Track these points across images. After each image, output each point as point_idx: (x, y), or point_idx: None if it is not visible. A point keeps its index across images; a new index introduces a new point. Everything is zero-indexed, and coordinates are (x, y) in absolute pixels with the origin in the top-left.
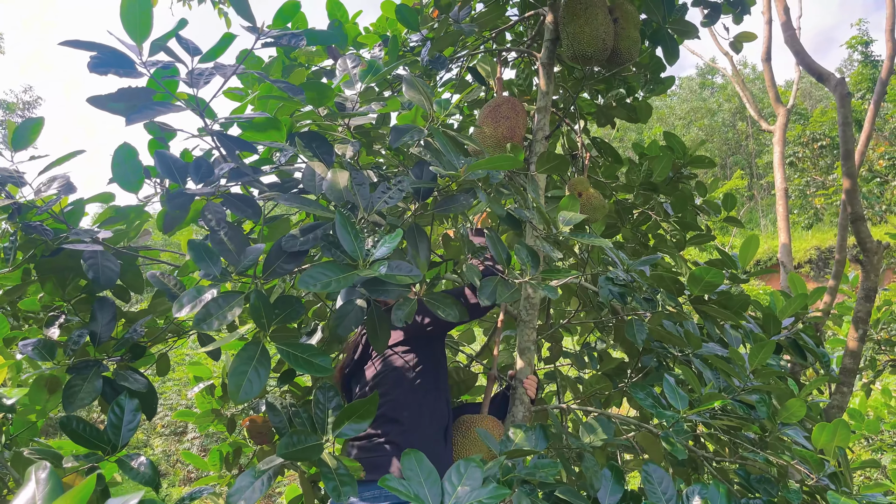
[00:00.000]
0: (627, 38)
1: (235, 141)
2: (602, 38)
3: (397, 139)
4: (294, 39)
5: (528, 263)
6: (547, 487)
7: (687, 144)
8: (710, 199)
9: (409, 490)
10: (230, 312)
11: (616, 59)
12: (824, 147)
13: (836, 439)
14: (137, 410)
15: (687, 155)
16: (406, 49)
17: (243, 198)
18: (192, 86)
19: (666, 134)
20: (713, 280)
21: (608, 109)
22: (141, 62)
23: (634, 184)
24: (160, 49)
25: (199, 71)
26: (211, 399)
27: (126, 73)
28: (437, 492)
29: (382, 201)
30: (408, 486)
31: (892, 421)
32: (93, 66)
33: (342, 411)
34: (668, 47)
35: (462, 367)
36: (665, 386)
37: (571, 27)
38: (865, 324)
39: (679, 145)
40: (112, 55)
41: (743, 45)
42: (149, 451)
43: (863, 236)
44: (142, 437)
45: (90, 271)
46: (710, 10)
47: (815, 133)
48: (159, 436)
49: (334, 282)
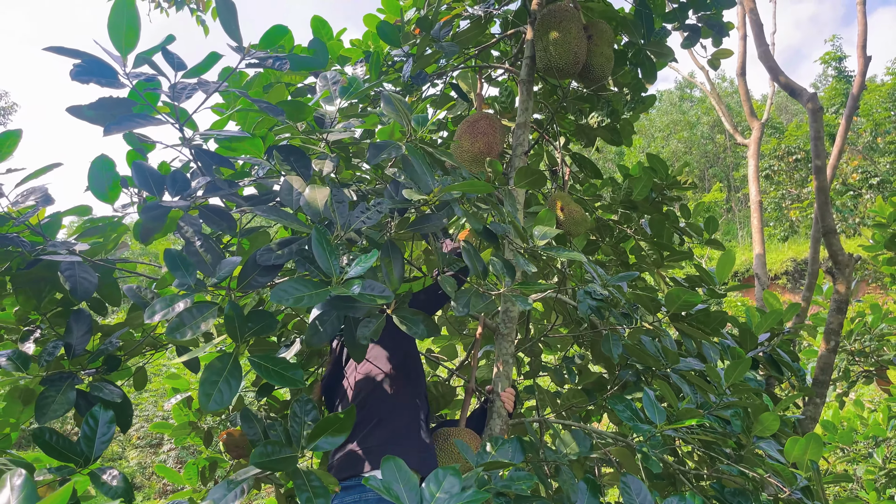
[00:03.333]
0: (601, 55)
1: (212, 156)
2: (574, 51)
3: (375, 156)
4: (279, 63)
5: (503, 275)
6: (523, 501)
7: (668, 160)
8: (693, 223)
9: (390, 490)
10: (203, 322)
11: (589, 74)
12: (799, 160)
13: (808, 453)
14: (112, 422)
15: (669, 177)
16: (388, 65)
17: (219, 211)
18: (173, 100)
19: (649, 156)
20: (689, 300)
21: (590, 130)
22: (124, 73)
23: (615, 202)
24: (145, 62)
25: (182, 86)
26: (188, 411)
27: (108, 82)
28: (416, 495)
29: (360, 221)
30: (389, 485)
31: (865, 432)
32: (75, 75)
33: (318, 424)
34: (646, 69)
35: (441, 382)
36: (644, 400)
37: (545, 40)
38: (837, 335)
39: (661, 166)
40: (96, 64)
41: (720, 61)
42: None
43: (834, 249)
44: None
45: (68, 283)
46: (689, 32)
47: (790, 146)
48: (134, 447)
49: (306, 297)
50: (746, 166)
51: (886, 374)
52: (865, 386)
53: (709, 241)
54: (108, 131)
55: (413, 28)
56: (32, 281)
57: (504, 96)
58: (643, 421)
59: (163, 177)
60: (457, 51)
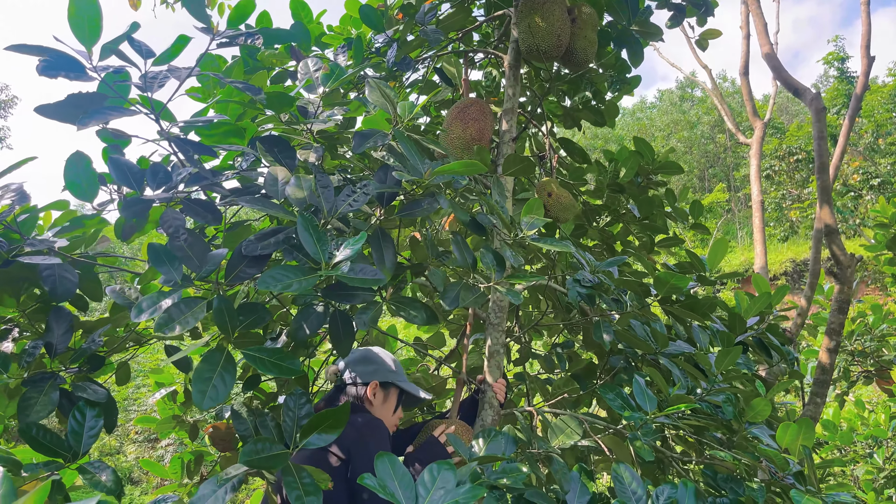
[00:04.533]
0: (584, 38)
1: (194, 145)
2: (557, 34)
3: (360, 145)
4: (250, 38)
5: (493, 268)
6: (515, 491)
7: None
8: (679, 208)
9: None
10: (192, 317)
11: (572, 58)
12: (800, 161)
13: (800, 438)
14: (99, 416)
15: (656, 160)
16: (371, 50)
17: (203, 203)
18: (145, 90)
19: (636, 139)
20: (678, 284)
21: (574, 112)
22: (91, 66)
23: (602, 185)
24: (111, 53)
25: (153, 74)
26: (173, 405)
27: (76, 76)
28: (411, 493)
29: (347, 204)
30: (384, 483)
31: (865, 432)
32: (42, 70)
33: (310, 420)
34: (632, 49)
35: (431, 372)
36: (634, 387)
37: (527, 21)
38: (838, 335)
39: (648, 150)
40: (61, 59)
41: (709, 42)
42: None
43: (836, 249)
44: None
45: (48, 283)
46: (674, 11)
47: (791, 147)
48: (133, 442)
49: (295, 283)
50: (747, 166)
51: (886, 375)
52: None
53: (694, 225)
54: (82, 125)
55: (396, 13)
56: (10, 280)
57: (488, 81)
58: (634, 409)
59: (142, 171)
60: (442, 38)
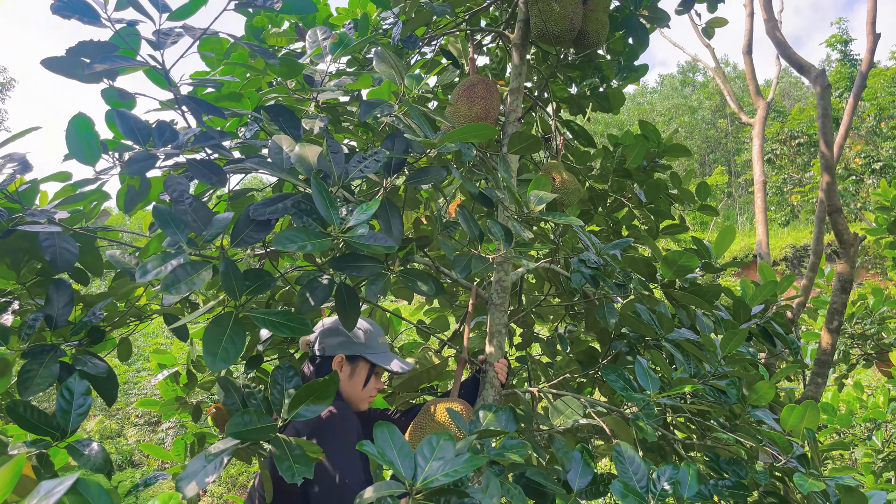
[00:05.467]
0: (596, 20)
1: (203, 104)
2: (570, 17)
3: (367, 112)
4: (268, 1)
5: (502, 239)
6: (517, 469)
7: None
8: (685, 189)
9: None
10: (198, 279)
11: (583, 41)
12: (802, 144)
13: (804, 421)
14: (87, 393)
15: (661, 144)
16: (378, 31)
17: (209, 164)
18: (157, 47)
19: (641, 122)
20: (686, 264)
21: (581, 98)
22: (106, 16)
23: (608, 170)
24: (128, 4)
25: (167, 30)
26: (175, 387)
27: (90, 21)
28: (410, 462)
29: (358, 170)
30: (382, 451)
31: (864, 415)
32: (56, 9)
33: (300, 391)
34: (637, 35)
35: (433, 352)
36: (637, 369)
37: (540, 4)
38: (840, 315)
39: (654, 133)
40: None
41: (715, 30)
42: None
43: (840, 228)
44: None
45: (47, 254)
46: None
47: (792, 130)
48: (133, 426)
49: (310, 244)
50: (749, 151)
51: (886, 358)
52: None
53: (701, 206)
54: (90, 70)
55: None
56: (10, 251)
57: (495, 62)
58: (636, 390)
59: (148, 127)
60: (448, 10)
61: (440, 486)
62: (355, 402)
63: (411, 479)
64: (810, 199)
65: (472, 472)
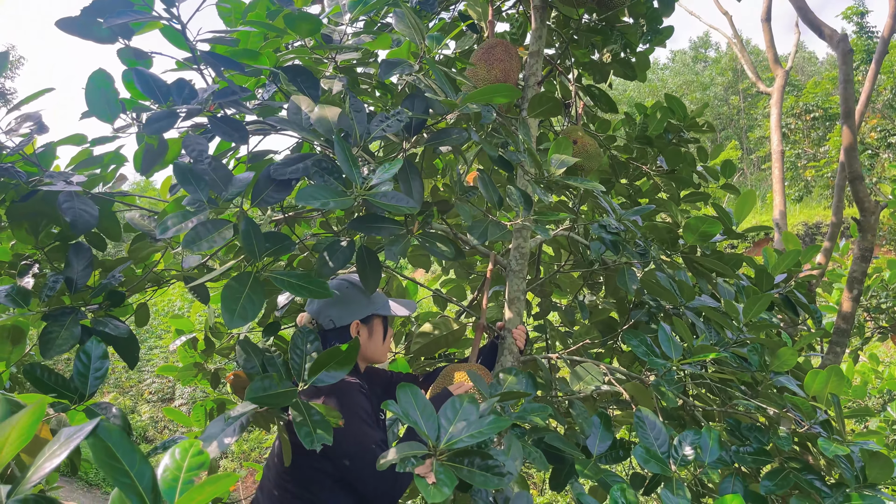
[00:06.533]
0: None
1: (221, 59)
2: None
3: (387, 72)
4: None
5: (521, 205)
6: (537, 433)
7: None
8: (710, 167)
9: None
10: (219, 237)
11: (606, 2)
12: (817, 119)
13: (829, 386)
14: (105, 357)
15: (687, 118)
16: None
17: (230, 120)
18: (171, 3)
19: (667, 96)
20: (709, 230)
21: (604, 64)
22: None
23: (630, 137)
24: None
25: None
26: (193, 352)
27: None
28: (434, 423)
29: (380, 129)
30: (406, 412)
31: (879, 386)
32: None
33: (319, 357)
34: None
35: (449, 319)
36: (660, 334)
37: None
38: (860, 284)
39: (679, 107)
40: None
41: None
42: (136, 417)
43: (861, 195)
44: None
45: (67, 215)
46: None
47: (808, 104)
48: (147, 402)
49: (332, 201)
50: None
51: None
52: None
53: (725, 185)
54: (108, 23)
55: None
56: (29, 214)
57: (515, 28)
58: (658, 356)
59: (167, 85)
60: None
61: (464, 448)
62: (379, 358)
63: (435, 440)
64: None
65: (495, 434)
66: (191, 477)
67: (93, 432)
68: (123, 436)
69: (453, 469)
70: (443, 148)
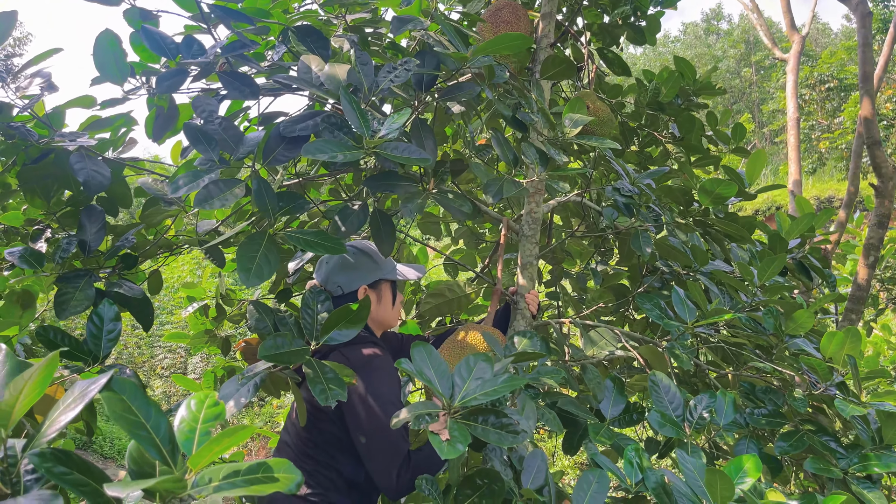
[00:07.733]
0: None
1: (231, 12)
2: None
3: (399, 28)
4: None
5: (537, 162)
6: (550, 397)
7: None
8: (720, 131)
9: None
10: (231, 195)
11: None
12: (832, 89)
13: (845, 347)
14: (117, 319)
15: (697, 81)
16: None
17: (240, 76)
18: None
19: (676, 59)
20: (724, 192)
21: (613, 28)
22: None
23: (641, 104)
24: None
25: None
26: (204, 319)
27: None
28: (448, 381)
29: (388, 80)
30: (420, 370)
31: (891, 356)
32: None
33: (331, 316)
34: None
35: (459, 283)
36: (674, 297)
37: None
38: (877, 251)
39: (689, 70)
40: None
41: None
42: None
43: (879, 161)
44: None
45: (80, 175)
46: None
47: (822, 75)
48: (159, 377)
49: (340, 154)
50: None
51: None
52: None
53: (736, 149)
54: None
55: None
56: (40, 177)
57: None
58: (672, 319)
59: (176, 43)
60: None
61: (478, 406)
62: (390, 322)
63: (449, 397)
64: (838, 146)
65: (509, 393)
66: (207, 428)
67: (107, 386)
68: (138, 389)
69: (467, 426)
70: (455, 109)
